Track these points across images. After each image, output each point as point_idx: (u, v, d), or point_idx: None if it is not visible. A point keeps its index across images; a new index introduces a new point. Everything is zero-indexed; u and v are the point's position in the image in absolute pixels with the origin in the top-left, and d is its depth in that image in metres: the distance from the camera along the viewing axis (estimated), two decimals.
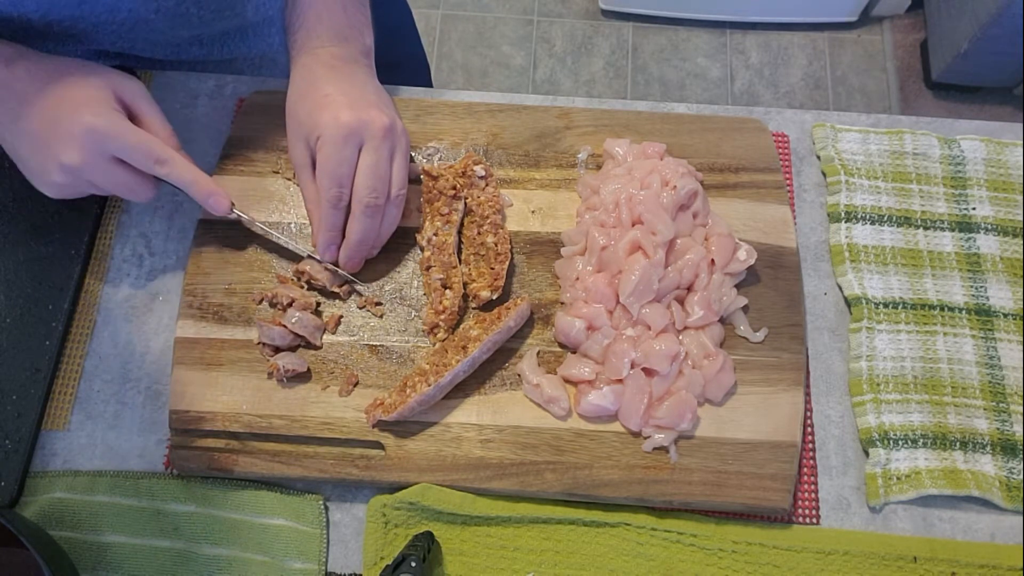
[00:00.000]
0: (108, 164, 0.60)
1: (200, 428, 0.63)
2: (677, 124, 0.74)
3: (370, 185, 0.62)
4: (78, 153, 0.58)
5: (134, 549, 0.61)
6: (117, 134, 0.59)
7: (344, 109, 0.62)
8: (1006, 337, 0.68)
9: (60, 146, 0.58)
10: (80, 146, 0.58)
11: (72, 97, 0.59)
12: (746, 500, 0.61)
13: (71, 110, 0.58)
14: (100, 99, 0.60)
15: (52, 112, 0.59)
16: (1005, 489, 0.63)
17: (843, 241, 0.71)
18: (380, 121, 0.63)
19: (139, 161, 0.60)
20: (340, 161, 0.62)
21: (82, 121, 0.58)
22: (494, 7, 2.12)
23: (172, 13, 0.70)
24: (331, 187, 0.63)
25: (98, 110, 0.59)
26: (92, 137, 0.58)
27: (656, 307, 0.64)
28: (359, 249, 0.65)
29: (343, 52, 0.67)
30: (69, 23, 0.66)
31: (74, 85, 0.60)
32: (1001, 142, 0.76)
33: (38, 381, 0.65)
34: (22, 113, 0.60)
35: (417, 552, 0.55)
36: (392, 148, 0.64)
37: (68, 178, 0.60)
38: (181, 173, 0.62)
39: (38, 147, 0.60)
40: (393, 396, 0.62)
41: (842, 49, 2.06)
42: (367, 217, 0.63)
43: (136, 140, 0.60)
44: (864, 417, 0.65)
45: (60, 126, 0.58)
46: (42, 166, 0.60)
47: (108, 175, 0.60)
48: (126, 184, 0.62)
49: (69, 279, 0.69)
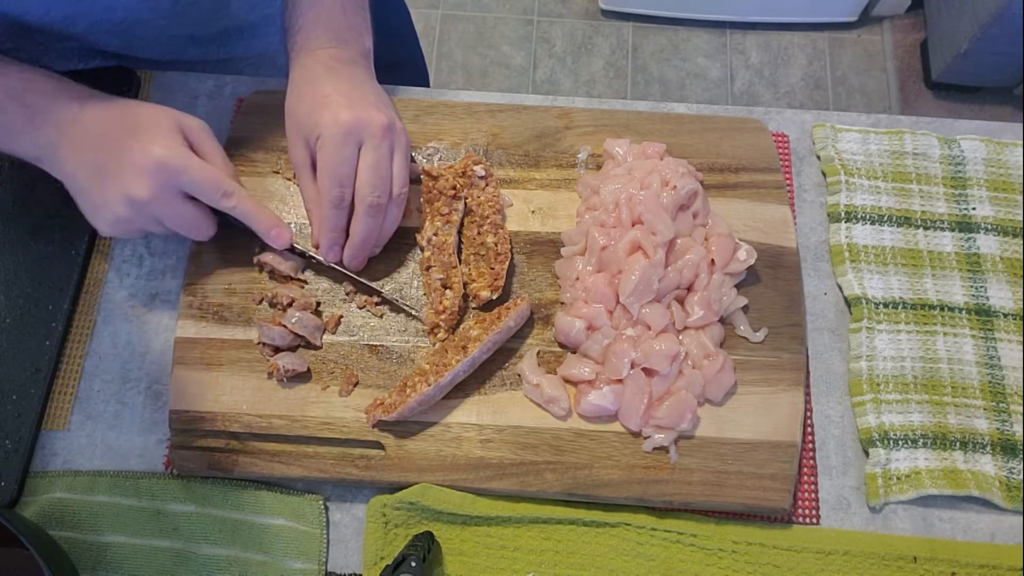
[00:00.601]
0: (176, 198, 0.60)
1: (200, 428, 0.63)
2: (677, 124, 0.74)
3: (372, 184, 0.62)
4: (148, 186, 0.58)
5: (134, 549, 0.61)
6: (187, 168, 0.59)
7: (343, 109, 0.62)
8: (1006, 337, 0.68)
9: (129, 179, 0.58)
10: (149, 179, 0.58)
11: (141, 132, 0.59)
12: (746, 500, 0.61)
13: (141, 144, 0.58)
14: (169, 133, 0.60)
15: (121, 146, 0.59)
16: (1005, 489, 0.63)
17: (843, 241, 0.71)
18: (379, 120, 0.63)
19: (207, 195, 0.61)
20: (340, 161, 0.62)
21: (152, 154, 0.58)
22: (494, 7, 2.12)
23: (169, 12, 0.70)
24: (332, 187, 0.63)
25: (168, 144, 0.59)
26: (162, 170, 0.58)
27: (656, 307, 0.64)
28: (363, 249, 0.65)
29: (342, 54, 0.67)
30: (67, 22, 0.66)
31: (141, 119, 0.60)
32: (1001, 142, 0.76)
33: (38, 381, 0.65)
34: (89, 148, 0.59)
35: (417, 552, 0.55)
36: (392, 147, 0.64)
37: (132, 212, 0.59)
38: (246, 206, 0.63)
39: (103, 180, 0.59)
40: (393, 396, 0.62)
41: (842, 49, 2.06)
42: (370, 217, 0.63)
43: (205, 174, 0.60)
44: (864, 417, 0.65)
45: (129, 159, 0.58)
46: (106, 200, 0.59)
47: (175, 209, 0.60)
48: (191, 219, 0.62)
49: (69, 279, 0.69)
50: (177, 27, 0.74)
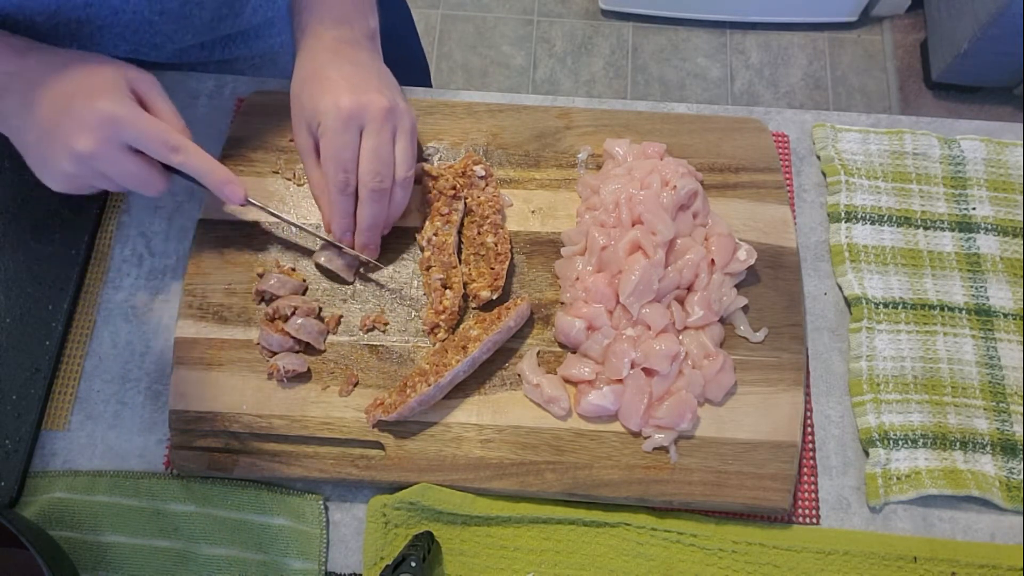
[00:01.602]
0: (122, 153, 0.58)
1: (200, 428, 0.63)
2: (677, 124, 0.74)
3: (373, 169, 0.62)
4: (92, 140, 0.56)
5: (134, 549, 0.61)
6: (133, 121, 0.57)
7: (344, 93, 0.62)
8: (1006, 337, 0.68)
9: (73, 133, 0.56)
10: (94, 133, 0.56)
11: (86, 85, 0.57)
12: (746, 500, 0.61)
13: (85, 97, 0.56)
14: (115, 87, 0.58)
15: (65, 100, 0.57)
16: (1005, 489, 0.63)
17: (843, 241, 0.71)
18: (379, 104, 0.62)
19: (154, 149, 0.58)
20: (342, 146, 0.61)
21: (97, 108, 0.56)
22: (494, 7, 2.12)
23: (175, 16, 0.70)
24: (337, 173, 0.62)
25: (114, 97, 0.57)
26: (107, 124, 0.56)
27: (656, 307, 0.64)
28: (371, 233, 0.65)
29: (347, 35, 0.67)
30: (75, 26, 0.66)
31: (88, 73, 0.58)
32: (1001, 142, 0.76)
33: (38, 381, 0.65)
34: (33, 101, 0.58)
35: (417, 552, 0.55)
36: (394, 130, 0.63)
37: (78, 167, 0.58)
38: (196, 161, 0.60)
39: (48, 135, 0.58)
40: (393, 396, 0.62)
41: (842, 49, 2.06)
42: (374, 201, 0.63)
43: (151, 127, 0.58)
44: (864, 417, 0.65)
45: (73, 113, 0.56)
46: (51, 154, 0.58)
47: (121, 164, 0.58)
48: (138, 175, 0.59)
49: (69, 279, 0.69)
50: (182, 31, 0.74)
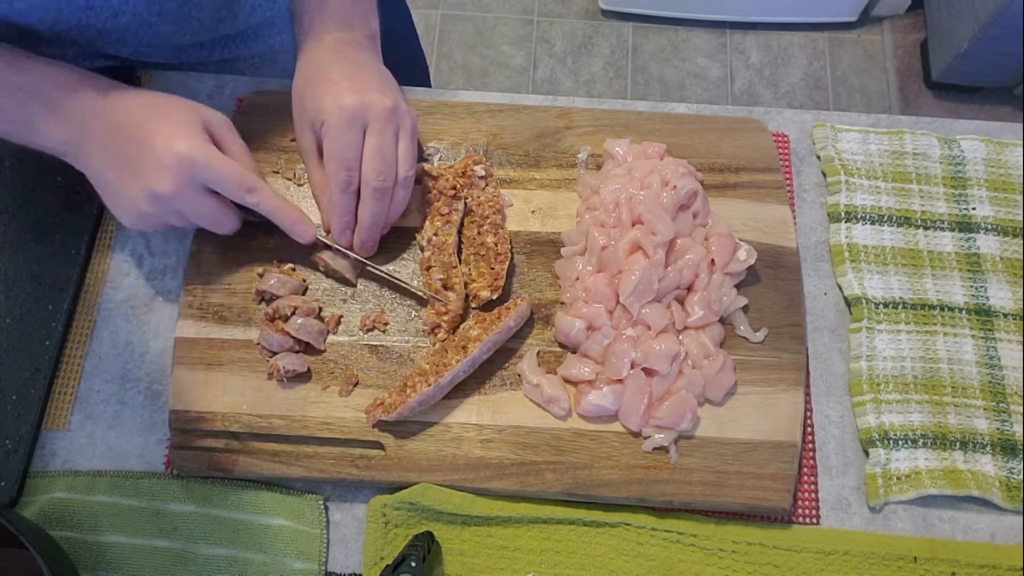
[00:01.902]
0: (199, 194, 0.60)
1: (200, 428, 0.63)
2: (677, 124, 0.74)
3: (376, 168, 0.62)
4: (171, 182, 0.57)
5: (134, 549, 0.61)
6: (210, 163, 0.59)
7: (347, 93, 0.62)
8: (1006, 337, 0.68)
9: (152, 174, 0.58)
10: (173, 175, 0.57)
11: (164, 126, 0.59)
12: (746, 500, 0.61)
13: (164, 138, 0.58)
14: (191, 128, 0.59)
15: (144, 141, 0.58)
16: (1005, 489, 0.63)
17: (843, 241, 0.71)
18: (382, 103, 0.63)
19: (230, 191, 0.60)
20: (345, 145, 0.62)
21: (176, 150, 0.57)
22: (494, 7, 2.12)
23: (174, 16, 0.70)
24: (339, 171, 0.63)
25: (191, 139, 0.58)
26: (186, 165, 0.58)
27: (656, 307, 0.64)
28: (372, 232, 0.66)
29: (348, 36, 0.67)
30: (75, 30, 0.66)
31: (166, 114, 0.60)
32: (1001, 142, 0.76)
33: (38, 381, 0.65)
34: (112, 143, 0.59)
35: (417, 552, 0.55)
36: (397, 129, 0.64)
37: (156, 207, 0.59)
38: (270, 202, 0.63)
39: (127, 175, 0.59)
40: (393, 396, 0.62)
41: (842, 49, 2.06)
42: (376, 200, 0.63)
43: (228, 169, 0.60)
44: (864, 417, 0.65)
45: (152, 155, 0.58)
46: (130, 195, 0.59)
47: (198, 205, 0.60)
48: (213, 214, 0.62)
49: (69, 279, 0.69)
50: (182, 32, 0.74)
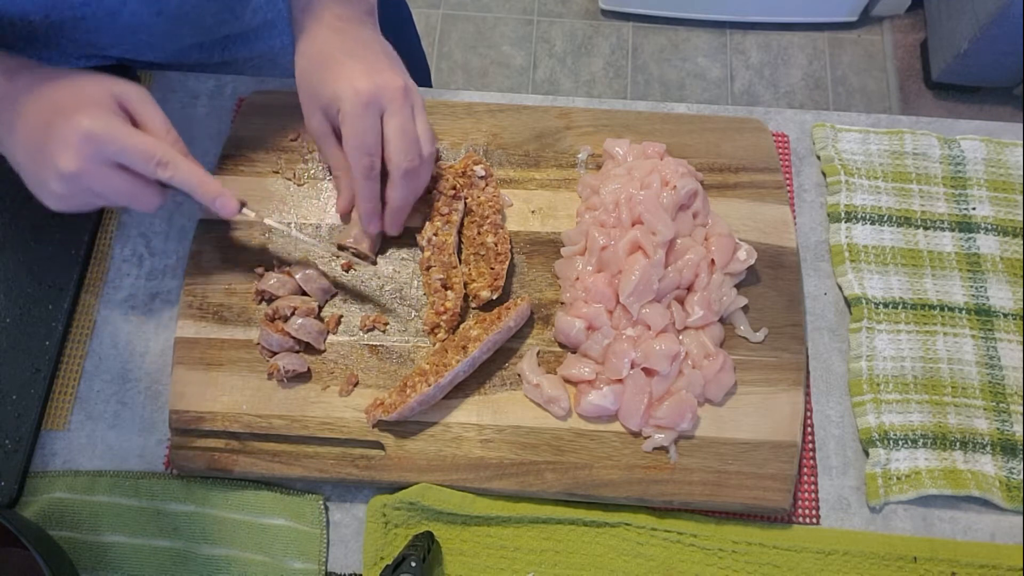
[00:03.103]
0: (108, 170, 0.57)
1: (200, 428, 0.63)
2: (677, 124, 0.74)
3: (403, 149, 0.62)
4: (75, 159, 0.55)
5: (134, 549, 0.61)
6: (115, 137, 0.56)
7: (360, 77, 0.61)
8: (1006, 337, 0.68)
9: (57, 153, 0.55)
10: (77, 152, 0.55)
11: (69, 102, 0.57)
12: (746, 500, 0.61)
13: (68, 114, 0.56)
14: (98, 103, 0.57)
15: (49, 118, 0.56)
16: (1005, 489, 0.63)
17: (843, 241, 0.71)
18: (396, 83, 0.62)
19: (140, 165, 0.57)
20: (366, 130, 0.61)
21: (78, 125, 0.55)
22: (494, 7, 2.12)
23: (173, 16, 0.70)
24: (362, 158, 0.62)
25: (95, 113, 0.56)
26: (89, 141, 0.55)
27: (656, 307, 0.64)
28: (400, 214, 0.65)
29: (347, 12, 0.66)
30: (70, 26, 0.65)
31: (72, 90, 0.58)
32: (1001, 142, 0.76)
33: (38, 381, 0.65)
34: (20, 122, 0.58)
35: (417, 552, 0.55)
36: (413, 108, 0.64)
37: (67, 187, 0.57)
38: (185, 176, 0.59)
39: (35, 155, 0.57)
40: (393, 396, 0.62)
41: (842, 49, 2.06)
42: (407, 181, 0.63)
43: (136, 143, 0.57)
44: (864, 417, 0.65)
45: (56, 132, 0.56)
46: (40, 175, 0.57)
47: (109, 182, 0.57)
48: (129, 191, 0.59)
49: (69, 279, 0.69)
50: (181, 32, 0.74)
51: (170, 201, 0.73)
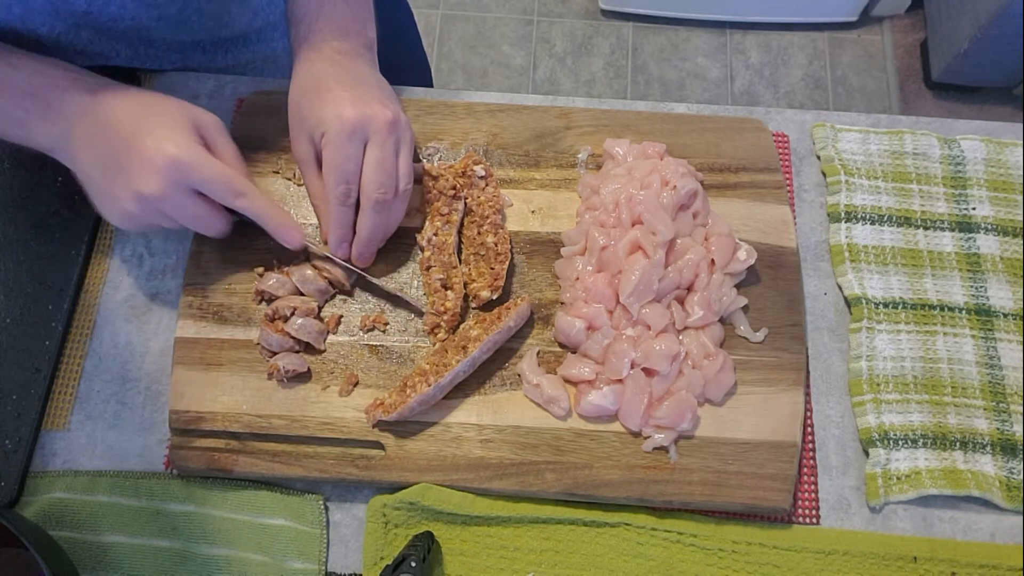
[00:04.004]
0: (187, 196, 0.59)
1: (200, 428, 0.63)
2: (677, 124, 0.74)
3: (377, 181, 0.62)
4: (158, 183, 0.57)
5: (134, 549, 0.61)
6: (199, 166, 0.58)
7: (348, 105, 0.62)
8: (1006, 337, 0.68)
9: (140, 175, 0.57)
10: (161, 176, 0.57)
11: (154, 127, 0.58)
12: (746, 500, 0.61)
13: (153, 139, 0.57)
14: (182, 130, 0.59)
15: (133, 141, 0.58)
16: (1005, 489, 0.63)
17: (843, 241, 0.71)
18: (384, 116, 0.62)
19: (219, 194, 0.60)
20: (346, 158, 0.62)
21: (165, 151, 0.57)
22: (494, 7, 2.12)
23: (174, 20, 0.70)
24: (338, 184, 0.62)
25: (181, 141, 0.58)
26: (174, 168, 0.57)
27: (656, 307, 0.64)
28: (369, 244, 0.65)
29: (345, 46, 0.67)
30: (74, 33, 0.66)
31: (156, 113, 0.59)
32: (1001, 142, 0.76)
33: (38, 381, 0.65)
34: (101, 141, 0.59)
35: (417, 552, 0.55)
36: (397, 142, 0.64)
37: (142, 208, 0.58)
38: (258, 206, 0.62)
39: (115, 175, 0.58)
40: (393, 396, 0.62)
41: (842, 49, 2.06)
42: (376, 213, 0.63)
43: (217, 173, 0.59)
44: (864, 417, 0.65)
45: (141, 155, 0.57)
46: (116, 194, 0.59)
47: (185, 207, 0.60)
48: (201, 217, 0.61)
49: (69, 279, 0.69)
50: (182, 35, 0.74)
51: None
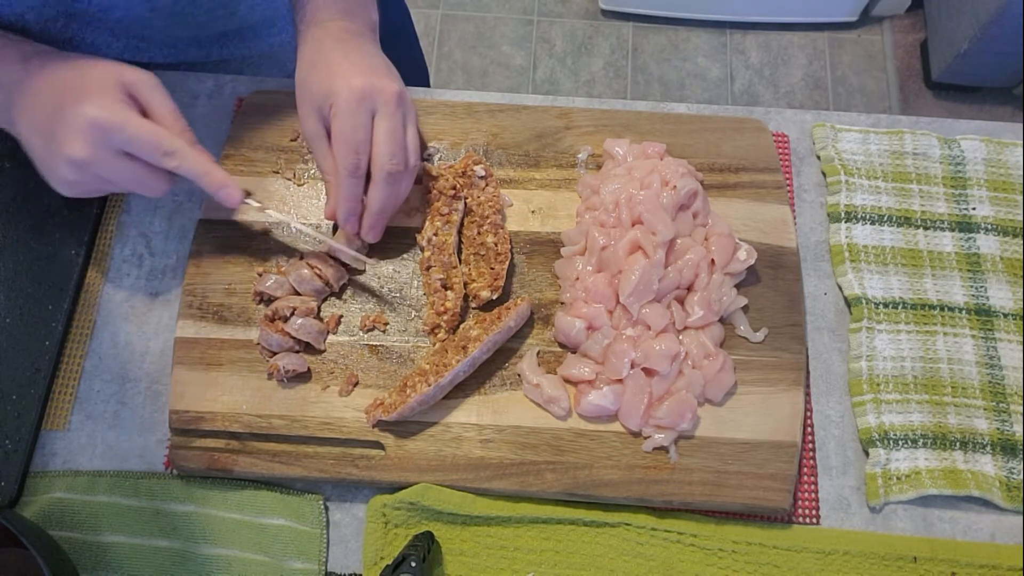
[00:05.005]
0: (116, 158, 0.58)
1: (200, 428, 0.63)
2: (677, 124, 0.74)
3: (389, 151, 0.62)
4: (83, 147, 0.56)
5: (134, 549, 0.61)
6: (121, 126, 0.56)
7: (356, 75, 0.61)
8: (1006, 337, 0.68)
9: (66, 140, 0.56)
10: (85, 139, 0.56)
11: (78, 88, 0.57)
12: (746, 500, 0.61)
13: (76, 102, 0.56)
14: (105, 90, 0.58)
15: (59, 105, 0.57)
16: (1005, 489, 0.63)
17: (843, 241, 0.71)
18: (392, 88, 0.62)
19: (146, 153, 0.58)
20: (355, 127, 0.61)
21: (85, 113, 0.56)
22: (494, 7, 2.12)
23: (168, 12, 0.70)
24: (348, 154, 0.61)
25: (102, 102, 0.57)
26: (96, 129, 0.56)
27: (656, 307, 0.64)
28: (380, 217, 0.64)
29: (351, 26, 0.67)
30: (63, 22, 0.65)
31: (79, 76, 0.58)
32: (1001, 142, 0.76)
33: (38, 381, 0.65)
34: (33, 107, 0.58)
35: (417, 552, 0.55)
36: (405, 116, 0.64)
37: (77, 173, 0.58)
38: (191, 165, 0.60)
39: (46, 141, 0.58)
40: (393, 396, 0.62)
41: (842, 49, 2.06)
42: (388, 184, 0.63)
43: (142, 132, 0.57)
44: (864, 417, 0.65)
45: (65, 119, 0.56)
46: (51, 160, 0.58)
47: (117, 169, 0.58)
48: (137, 178, 0.59)
49: (69, 279, 0.69)
50: (177, 28, 0.74)
51: (170, 201, 0.73)
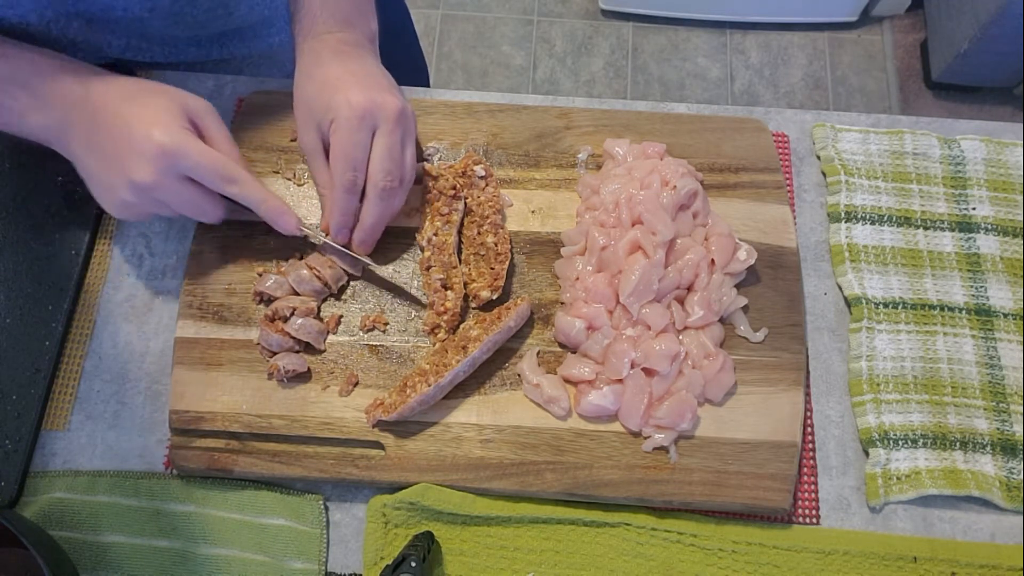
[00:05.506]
0: (179, 183, 0.59)
1: (200, 428, 0.63)
2: (677, 124, 0.74)
3: (386, 169, 0.62)
4: (150, 172, 0.57)
5: (134, 549, 0.61)
6: (188, 153, 0.58)
7: (356, 91, 0.62)
8: (1006, 337, 0.68)
9: (131, 164, 0.58)
10: (151, 164, 0.57)
11: (143, 115, 0.58)
12: (746, 500, 0.61)
13: (143, 127, 0.58)
14: (170, 117, 0.59)
15: (123, 130, 0.58)
16: (1005, 489, 0.63)
17: (843, 241, 0.71)
18: (393, 105, 0.63)
19: (209, 180, 0.60)
20: (355, 145, 0.62)
21: (153, 139, 0.57)
22: (494, 7, 2.12)
23: (167, 12, 0.70)
24: (346, 171, 0.62)
25: (169, 128, 0.58)
26: (163, 155, 0.57)
27: (656, 307, 0.64)
28: (373, 232, 0.65)
29: (349, 37, 0.67)
30: (64, 22, 0.65)
31: (145, 102, 0.60)
32: (1001, 142, 0.76)
33: (38, 381, 0.65)
34: (94, 130, 0.59)
35: (417, 552, 0.55)
36: (404, 134, 0.64)
37: (137, 197, 0.59)
38: (250, 192, 0.62)
39: (109, 165, 0.59)
40: (393, 396, 0.62)
41: (842, 49, 2.06)
42: (381, 200, 0.63)
43: (207, 159, 0.59)
44: (864, 417, 0.65)
45: (131, 144, 0.58)
46: (111, 184, 0.59)
47: (178, 194, 0.60)
48: (196, 204, 0.61)
49: (69, 279, 0.69)
50: (176, 27, 0.74)
51: None
